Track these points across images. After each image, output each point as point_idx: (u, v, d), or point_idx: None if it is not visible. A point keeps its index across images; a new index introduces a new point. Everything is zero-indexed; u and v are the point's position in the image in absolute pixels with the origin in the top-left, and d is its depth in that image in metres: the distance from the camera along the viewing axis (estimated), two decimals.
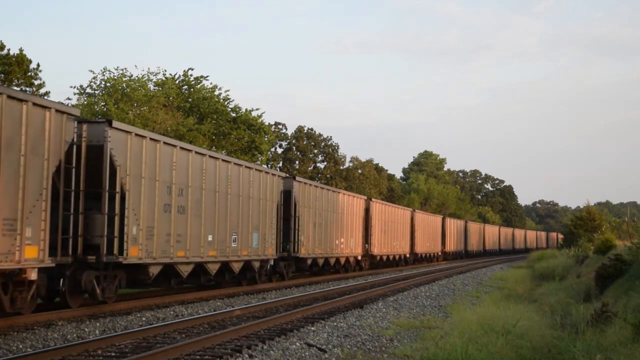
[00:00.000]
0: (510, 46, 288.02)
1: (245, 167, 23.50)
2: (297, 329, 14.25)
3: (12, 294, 13.60)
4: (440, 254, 61.74)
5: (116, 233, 16.14)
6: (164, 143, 18.40)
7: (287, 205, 27.73)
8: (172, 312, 16.92)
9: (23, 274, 13.48)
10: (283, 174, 27.63)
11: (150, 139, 17.79)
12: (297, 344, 12.54)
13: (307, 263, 30.17)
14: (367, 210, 39.85)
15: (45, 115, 13.90)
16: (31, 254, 13.43)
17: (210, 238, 20.79)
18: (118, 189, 16.23)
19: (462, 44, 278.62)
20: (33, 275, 13.66)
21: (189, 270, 19.80)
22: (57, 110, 14.23)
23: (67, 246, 14.71)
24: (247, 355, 11.18)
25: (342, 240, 34.76)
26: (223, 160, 21.89)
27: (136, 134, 17.16)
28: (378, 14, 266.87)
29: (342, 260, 35.28)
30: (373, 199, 42.33)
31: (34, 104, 13.61)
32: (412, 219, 51.65)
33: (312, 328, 14.54)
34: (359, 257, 38.41)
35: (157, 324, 14.39)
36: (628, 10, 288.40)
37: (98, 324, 14.46)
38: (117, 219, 16.16)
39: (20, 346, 11.82)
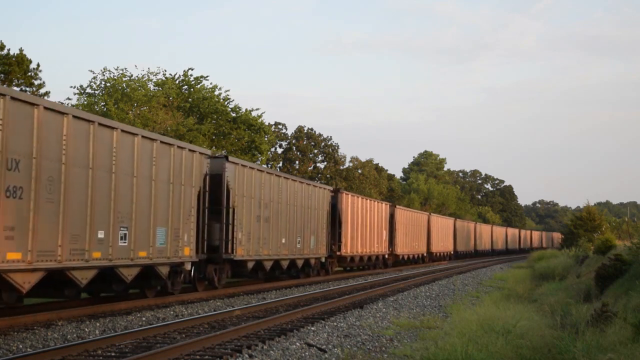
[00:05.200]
0: (509, 46, 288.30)
1: (306, 184, 29.93)
2: (297, 329, 14.24)
3: (172, 279, 19.38)
4: (452, 253, 66.12)
5: (229, 237, 22.00)
6: (257, 170, 24.35)
7: (333, 213, 33.99)
8: (172, 312, 16.92)
9: (182, 266, 19.37)
10: (331, 188, 34.21)
11: (249, 167, 23.77)
12: (297, 344, 12.53)
13: (347, 260, 36.36)
14: (391, 215, 45.54)
15: (193, 156, 19.66)
16: (186, 252, 19.32)
17: (284, 241, 26.65)
18: (231, 205, 22.13)
19: (461, 44, 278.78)
20: (188, 267, 19.67)
21: (270, 265, 25.65)
22: (199, 153, 20.12)
23: (203, 247, 20.52)
24: (247, 355, 11.17)
25: (372, 241, 40.68)
26: (292, 180, 28.08)
27: (241, 165, 23.11)
28: (377, 13, 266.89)
29: (373, 258, 41.54)
30: (397, 206, 48.07)
31: (189, 150, 19.47)
32: (428, 221, 56.42)
33: (312, 328, 14.53)
34: (385, 256, 44.44)
35: (157, 324, 14.39)
36: (627, 10, 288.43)
37: (98, 324, 14.45)
38: (230, 227, 22.01)
39: (20, 346, 11.80)
